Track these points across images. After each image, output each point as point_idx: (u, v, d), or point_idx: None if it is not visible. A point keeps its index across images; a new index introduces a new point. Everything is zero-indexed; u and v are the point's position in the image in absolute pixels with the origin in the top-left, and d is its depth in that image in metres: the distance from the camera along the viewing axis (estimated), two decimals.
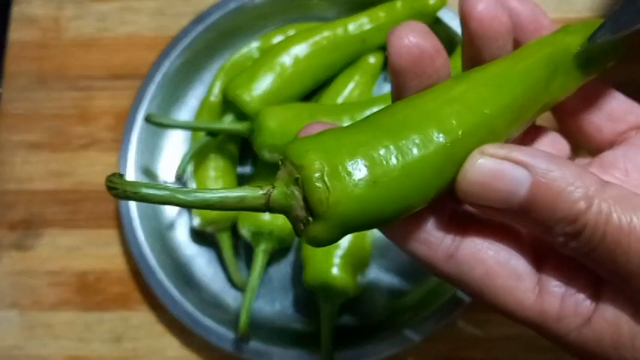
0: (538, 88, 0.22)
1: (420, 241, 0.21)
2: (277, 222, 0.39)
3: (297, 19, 0.45)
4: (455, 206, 0.21)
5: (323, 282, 0.37)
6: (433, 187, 0.19)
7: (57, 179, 0.45)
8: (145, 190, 0.18)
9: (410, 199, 0.19)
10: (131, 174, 0.42)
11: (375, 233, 0.40)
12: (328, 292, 0.37)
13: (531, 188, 0.19)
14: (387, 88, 0.44)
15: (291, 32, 0.43)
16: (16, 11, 0.49)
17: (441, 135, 0.19)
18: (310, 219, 0.19)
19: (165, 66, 0.43)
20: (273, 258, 0.41)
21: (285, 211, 0.19)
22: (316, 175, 0.18)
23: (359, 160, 0.18)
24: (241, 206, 0.19)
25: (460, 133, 0.19)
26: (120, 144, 0.42)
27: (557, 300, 0.21)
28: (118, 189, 0.18)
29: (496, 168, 0.19)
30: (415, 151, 0.19)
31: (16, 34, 0.48)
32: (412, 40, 0.21)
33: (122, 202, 0.41)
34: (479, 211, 0.20)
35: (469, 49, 0.23)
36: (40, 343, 0.42)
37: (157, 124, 0.39)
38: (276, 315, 0.41)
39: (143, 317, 0.42)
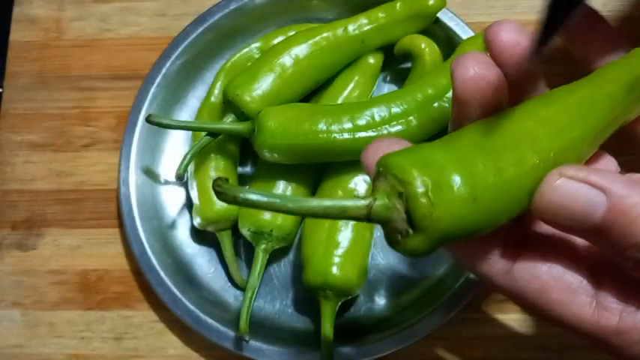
0: (618, 112, 0.23)
1: (479, 259, 0.22)
2: (277, 222, 0.39)
3: (298, 19, 0.45)
4: (511, 225, 0.22)
5: (323, 281, 0.37)
6: (522, 204, 0.20)
7: (58, 179, 0.45)
8: (253, 197, 0.19)
9: (501, 216, 0.20)
10: (132, 174, 0.42)
11: (375, 232, 0.40)
12: (328, 291, 0.37)
13: (607, 212, 0.19)
14: (386, 88, 0.45)
15: (291, 33, 0.43)
16: (18, 12, 0.49)
17: (535, 155, 0.20)
18: (410, 231, 0.19)
19: (166, 66, 0.44)
20: (274, 257, 0.42)
21: (384, 222, 0.20)
22: (421, 190, 0.19)
23: (461, 176, 0.19)
24: (343, 216, 0.20)
25: (552, 154, 0.20)
26: (121, 144, 0.43)
27: (616, 316, 0.21)
28: (227, 194, 0.19)
29: (574, 190, 0.20)
30: (511, 170, 0.20)
31: (17, 34, 0.49)
32: (477, 71, 0.21)
33: (123, 202, 0.41)
34: (553, 227, 0.21)
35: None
36: (41, 342, 0.42)
37: (158, 124, 0.39)
38: (276, 314, 0.41)
39: (144, 316, 0.42)
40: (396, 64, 0.45)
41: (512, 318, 0.40)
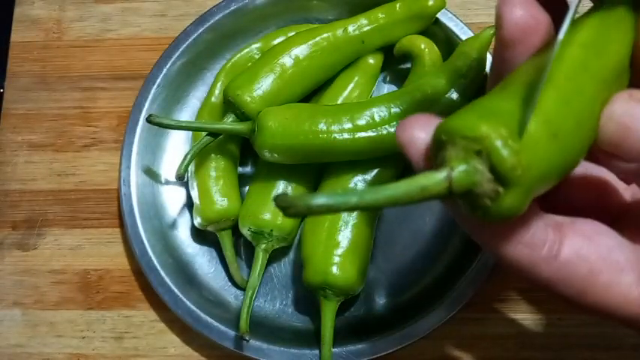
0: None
1: (523, 244, 0.20)
2: (277, 221, 0.39)
3: (298, 20, 0.46)
4: (548, 206, 0.21)
5: (323, 281, 0.37)
6: (594, 131, 0.19)
7: (59, 179, 0.45)
8: (325, 201, 0.17)
9: (582, 148, 0.19)
10: (133, 174, 0.42)
11: (375, 232, 0.40)
12: (328, 290, 0.37)
13: None
14: (386, 88, 0.45)
15: (291, 33, 0.43)
16: (19, 12, 0.49)
17: (591, 79, 0.19)
18: (501, 190, 0.18)
19: (167, 67, 0.44)
20: (274, 257, 0.42)
21: (468, 190, 0.18)
22: (501, 141, 0.17)
23: (534, 117, 0.18)
24: (423, 196, 0.18)
25: (606, 75, 0.20)
26: (122, 144, 0.43)
27: None
28: (295, 206, 0.17)
29: None
30: (577, 98, 0.19)
31: (18, 34, 0.49)
32: (528, 9, 0.20)
33: (124, 202, 0.41)
34: (607, 161, 0.20)
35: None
36: (42, 341, 0.42)
37: (159, 124, 0.39)
38: (276, 313, 0.41)
39: (145, 316, 0.42)
40: (396, 65, 0.45)
41: (512, 318, 0.40)
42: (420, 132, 0.20)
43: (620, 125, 0.19)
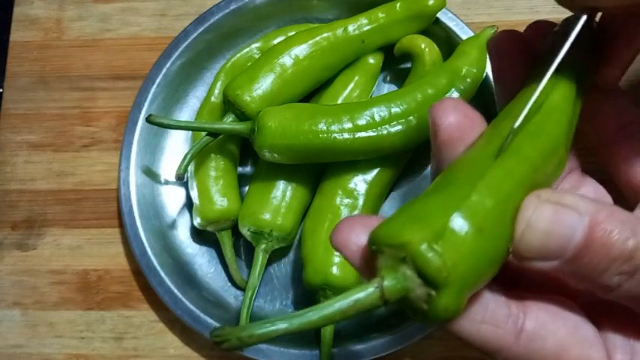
0: (577, 110, 0.22)
1: (485, 322, 0.20)
2: (277, 222, 0.39)
3: (298, 20, 0.46)
4: (505, 282, 0.21)
5: (323, 281, 0.37)
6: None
7: (59, 179, 0.45)
8: (261, 330, 0.17)
9: (508, 236, 0.19)
10: (132, 174, 0.42)
11: None
12: (328, 290, 0.37)
13: (585, 231, 0.18)
14: (386, 88, 0.45)
15: (291, 33, 0.43)
16: (18, 12, 0.49)
17: (521, 163, 0.19)
18: (433, 293, 0.18)
19: (167, 66, 0.44)
20: (274, 257, 0.42)
21: (403, 297, 0.18)
22: (423, 246, 0.17)
23: (456, 214, 0.18)
24: (358, 309, 0.18)
25: (538, 159, 0.20)
26: (121, 144, 0.43)
27: (627, 355, 0.20)
28: (230, 339, 0.17)
29: (555, 213, 0.19)
30: (504, 185, 0.19)
31: (18, 34, 0.49)
32: (460, 111, 0.21)
33: (124, 202, 0.41)
34: (528, 266, 0.19)
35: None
36: (41, 342, 0.42)
37: (158, 124, 0.39)
38: (276, 314, 0.41)
39: (144, 316, 0.42)
40: (396, 64, 0.45)
41: None
42: (356, 235, 0.20)
43: (541, 232, 0.19)
